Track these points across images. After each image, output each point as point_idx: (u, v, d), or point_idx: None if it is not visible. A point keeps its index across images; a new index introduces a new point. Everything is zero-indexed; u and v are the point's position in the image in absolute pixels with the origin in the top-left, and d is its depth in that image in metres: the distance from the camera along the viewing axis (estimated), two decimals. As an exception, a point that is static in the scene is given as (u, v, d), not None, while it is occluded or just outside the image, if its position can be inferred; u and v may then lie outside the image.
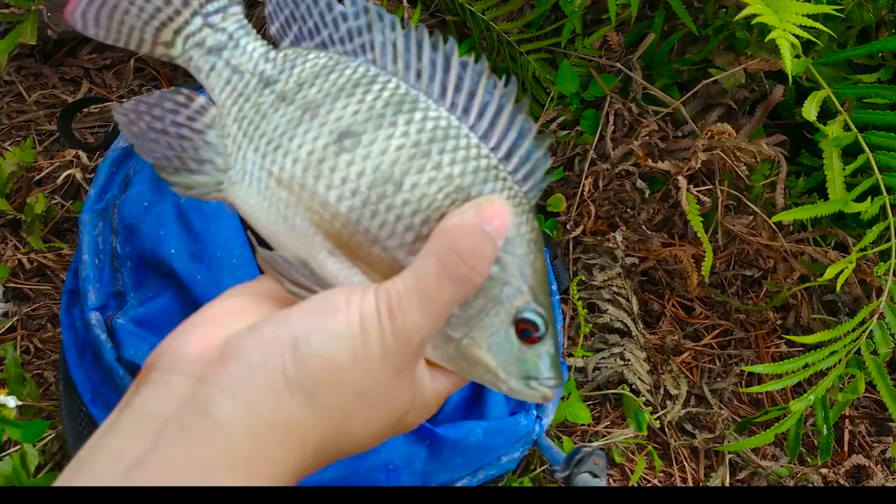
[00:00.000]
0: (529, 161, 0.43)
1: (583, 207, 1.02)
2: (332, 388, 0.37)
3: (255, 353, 0.36)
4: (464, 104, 0.43)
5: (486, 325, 0.42)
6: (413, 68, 0.43)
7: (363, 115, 0.42)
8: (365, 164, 0.41)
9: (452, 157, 0.42)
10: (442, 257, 0.39)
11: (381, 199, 0.41)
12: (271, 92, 0.44)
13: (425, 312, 0.38)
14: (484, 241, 0.39)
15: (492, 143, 0.43)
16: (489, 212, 0.40)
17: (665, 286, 1.04)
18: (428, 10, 1.06)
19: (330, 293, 0.39)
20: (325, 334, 0.37)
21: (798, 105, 0.92)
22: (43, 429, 0.81)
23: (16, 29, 0.95)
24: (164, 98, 0.45)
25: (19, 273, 0.95)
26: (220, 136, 0.45)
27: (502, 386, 0.43)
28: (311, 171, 0.42)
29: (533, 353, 0.43)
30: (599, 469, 0.73)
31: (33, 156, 0.98)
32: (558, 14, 1.05)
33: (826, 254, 0.97)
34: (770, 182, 1.00)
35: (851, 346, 0.83)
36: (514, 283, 0.42)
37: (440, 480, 0.77)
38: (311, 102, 0.43)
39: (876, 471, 0.96)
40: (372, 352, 0.37)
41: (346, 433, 0.38)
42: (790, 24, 0.77)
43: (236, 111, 0.45)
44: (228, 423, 0.35)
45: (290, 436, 0.36)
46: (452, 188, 0.41)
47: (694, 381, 1.01)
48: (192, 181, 0.44)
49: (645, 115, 1.03)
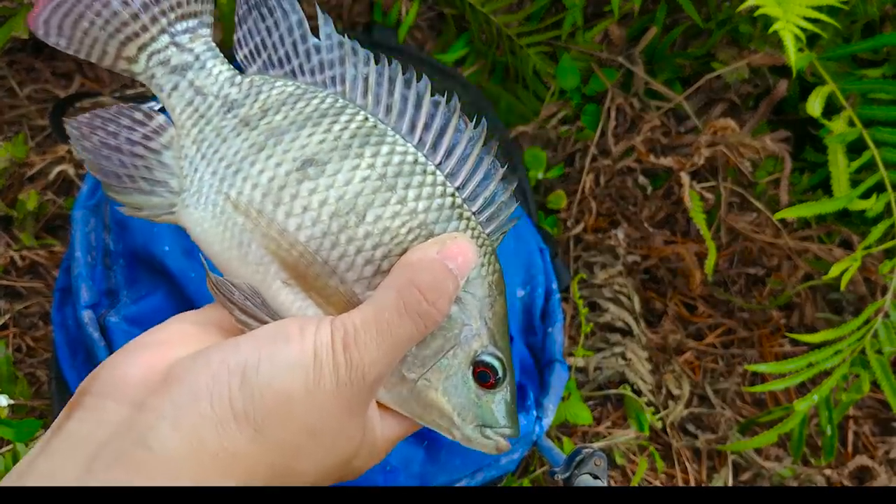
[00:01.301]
0: (494, 203, 0.43)
1: (584, 204, 1.00)
2: (281, 422, 0.35)
3: (200, 379, 0.35)
4: (432, 142, 0.43)
5: (443, 367, 0.41)
6: (383, 103, 0.43)
7: (329, 145, 0.41)
8: (328, 194, 0.41)
9: (418, 192, 0.41)
10: (402, 291, 0.38)
11: (342, 230, 0.40)
12: (234, 116, 0.43)
13: (382, 348, 0.37)
14: (446, 277, 0.39)
15: (458, 182, 0.42)
16: (453, 249, 0.39)
17: (667, 284, 1.03)
18: (426, 3, 1.04)
19: (283, 323, 0.38)
20: (276, 364, 0.35)
21: (802, 100, 0.91)
22: (35, 428, 0.80)
23: (8, 23, 0.94)
24: (121, 114, 0.44)
25: (11, 270, 0.94)
26: (177, 157, 0.43)
27: (455, 433, 0.42)
28: (270, 197, 0.41)
29: (489, 398, 0.42)
30: (600, 470, 0.72)
31: (25, 151, 0.96)
32: (559, 7, 1.04)
33: (831, 251, 0.96)
34: (774, 179, 0.99)
35: (856, 346, 0.82)
36: (474, 324, 0.41)
37: (438, 482, 0.76)
38: (275, 129, 0.42)
39: (880, 472, 0.95)
40: (324, 386, 0.36)
41: (293, 470, 0.37)
42: (794, 16, 0.75)
43: (196, 133, 0.43)
44: (168, 452, 0.33)
45: (235, 467, 0.34)
46: (416, 223, 0.41)
47: (696, 380, 1.00)
48: (142, 202, 0.42)
49: (647, 110, 1.02)
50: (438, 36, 1.06)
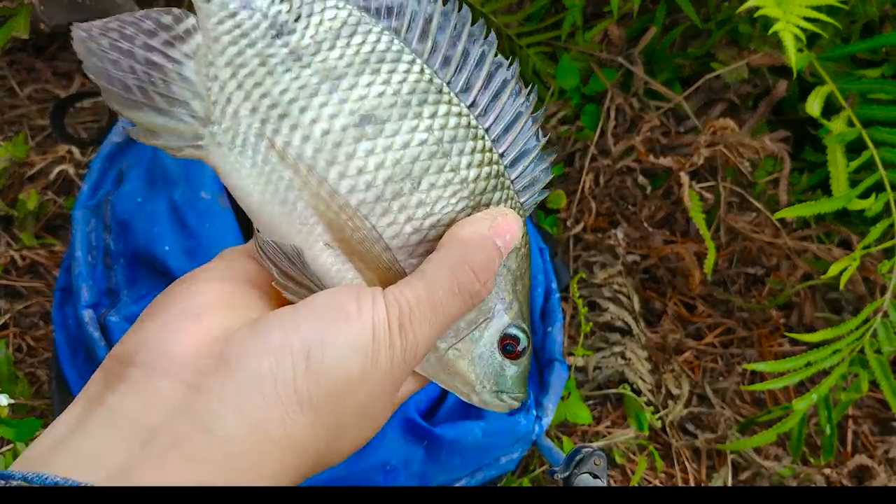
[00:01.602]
0: (533, 173, 0.42)
1: (583, 204, 1.00)
2: (338, 405, 0.35)
3: (263, 362, 0.33)
4: (486, 104, 0.41)
5: (475, 338, 0.41)
6: (442, 52, 0.40)
7: (388, 100, 0.38)
8: (385, 157, 0.38)
9: (469, 160, 0.40)
10: (456, 271, 0.37)
11: (395, 197, 0.38)
12: (284, 45, 0.38)
13: (434, 327, 0.37)
14: (496, 257, 0.38)
15: (502, 148, 0.41)
16: (503, 225, 0.39)
17: (667, 284, 1.03)
18: (426, 4, 1.05)
19: (338, 296, 0.36)
20: (338, 346, 0.34)
21: (801, 100, 0.91)
22: (35, 428, 0.80)
23: (8, 23, 0.94)
24: (147, 17, 0.37)
25: (11, 270, 0.94)
26: (202, 74, 0.37)
27: (473, 397, 0.42)
28: (324, 154, 0.37)
29: (513, 369, 0.42)
30: (600, 470, 0.72)
31: (26, 151, 0.96)
32: (558, 7, 1.04)
33: (830, 251, 0.96)
34: (773, 178, 0.99)
35: (855, 345, 0.82)
36: (507, 297, 0.41)
37: (438, 481, 0.76)
38: (331, 71, 0.38)
39: (879, 471, 0.95)
40: (380, 367, 0.35)
41: (336, 449, 0.36)
42: (794, 16, 0.75)
43: (234, 54, 0.37)
44: (232, 439, 0.32)
45: (289, 453, 0.34)
46: (466, 193, 0.40)
47: (696, 380, 1.00)
48: (158, 123, 0.36)
49: (646, 110, 1.02)
50: (438, 36, 1.06)
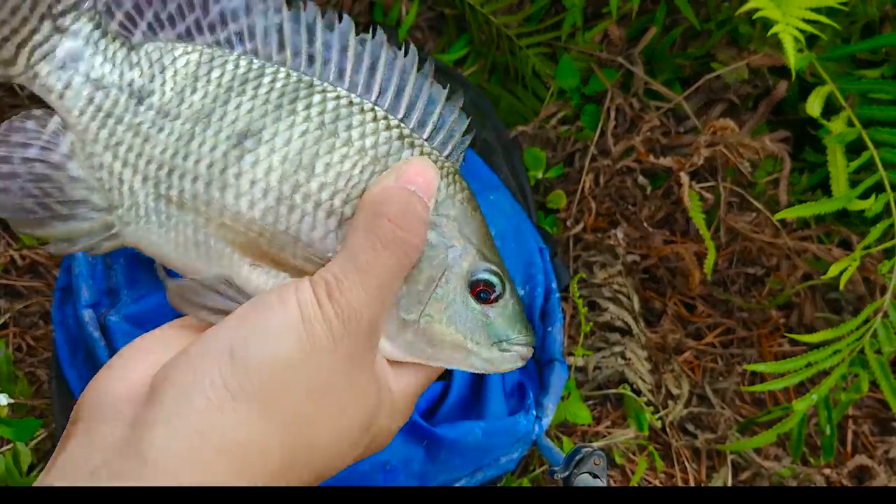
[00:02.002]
0: (445, 126, 0.41)
1: (583, 204, 1.00)
2: (284, 391, 0.33)
3: (186, 375, 0.32)
4: (364, 81, 0.40)
5: (440, 297, 0.39)
6: (304, 53, 0.40)
7: (259, 112, 0.38)
8: (271, 160, 0.38)
9: (361, 131, 0.39)
10: (371, 227, 0.36)
11: (295, 190, 0.38)
12: (148, 107, 0.38)
13: (368, 289, 0.35)
14: (412, 201, 0.37)
15: (400, 114, 0.40)
16: (410, 172, 0.38)
17: (667, 284, 1.03)
18: (426, 4, 1.05)
19: (259, 296, 0.36)
20: (263, 333, 0.33)
21: (802, 101, 0.91)
22: (35, 427, 0.80)
23: (8, 22, 0.94)
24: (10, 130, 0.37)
25: (11, 269, 0.94)
26: (88, 167, 0.38)
27: (474, 360, 0.40)
28: (215, 183, 0.38)
29: (497, 313, 0.40)
30: (600, 470, 0.72)
31: (26, 151, 0.96)
32: (558, 7, 1.04)
33: (830, 251, 0.96)
34: (773, 179, 0.99)
35: (855, 345, 0.82)
36: (457, 244, 0.40)
37: (438, 481, 0.76)
38: (199, 112, 0.38)
39: (879, 471, 0.95)
40: (320, 343, 0.34)
41: (311, 445, 0.34)
42: (793, 18, 0.75)
43: (106, 136, 0.38)
44: (166, 459, 0.31)
45: (244, 457, 0.32)
46: (368, 160, 0.39)
47: (696, 380, 1.00)
48: (69, 230, 0.37)
49: (646, 110, 1.02)
50: (439, 36, 1.06)
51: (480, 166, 0.88)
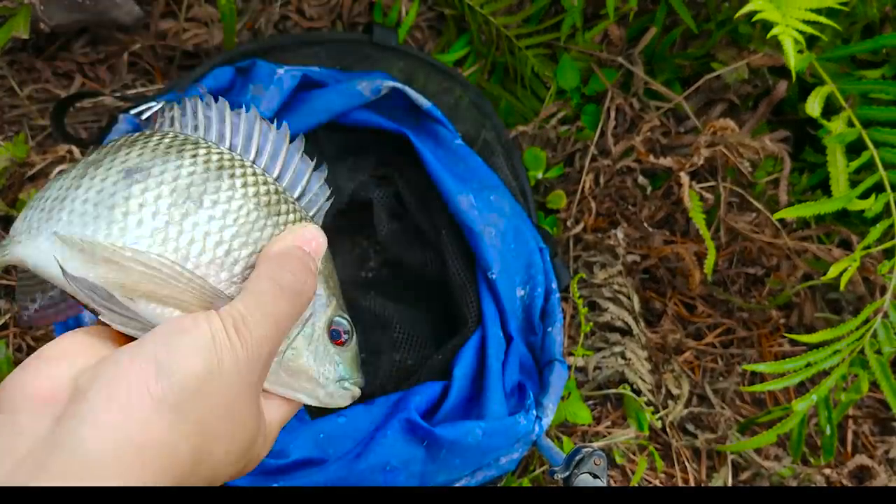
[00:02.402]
0: (311, 191, 0.48)
1: (583, 204, 1.00)
2: (198, 403, 0.37)
3: (114, 378, 0.36)
4: (243, 144, 0.47)
5: (307, 335, 0.46)
6: (189, 125, 0.47)
7: (148, 156, 0.45)
8: (160, 189, 0.43)
9: (244, 180, 0.45)
10: (276, 277, 0.42)
11: (184, 217, 0.43)
12: (56, 179, 0.46)
13: (269, 327, 0.40)
14: (308, 260, 0.44)
15: (274, 174, 0.47)
16: (305, 235, 0.45)
17: (667, 284, 1.03)
18: (426, 4, 1.04)
19: (173, 320, 0.40)
20: (183, 349, 0.37)
21: (802, 101, 0.91)
22: (35, 428, 0.80)
23: (8, 22, 0.94)
24: None
25: (11, 270, 0.94)
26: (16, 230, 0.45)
27: (320, 392, 0.46)
28: (103, 204, 0.42)
29: (344, 354, 0.47)
30: (600, 470, 0.72)
31: (26, 151, 0.96)
32: (558, 8, 1.04)
33: (830, 251, 0.96)
34: (773, 179, 0.99)
35: (855, 345, 0.82)
36: (324, 294, 0.47)
37: (438, 481, 0.76)
38: (91, 161, 0.45)
39: (879, 471, 0.95)
40: (227, 366, 0.38)
41: (209, 454, 0.38)
42: (793, 19, 0.75)
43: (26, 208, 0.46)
44: (91, 453, 0.34)
45: (160, 457, 0.36)
46: (252, 205, 0.45)
47: (696, 380, 1.00)
48: None
49: (646, 110, 1.02)
50: (438, 36, 1.06)
51: (480, 166, 0.88)
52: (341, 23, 1.03)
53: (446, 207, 0.85)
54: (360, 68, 0.91)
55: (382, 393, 0.81)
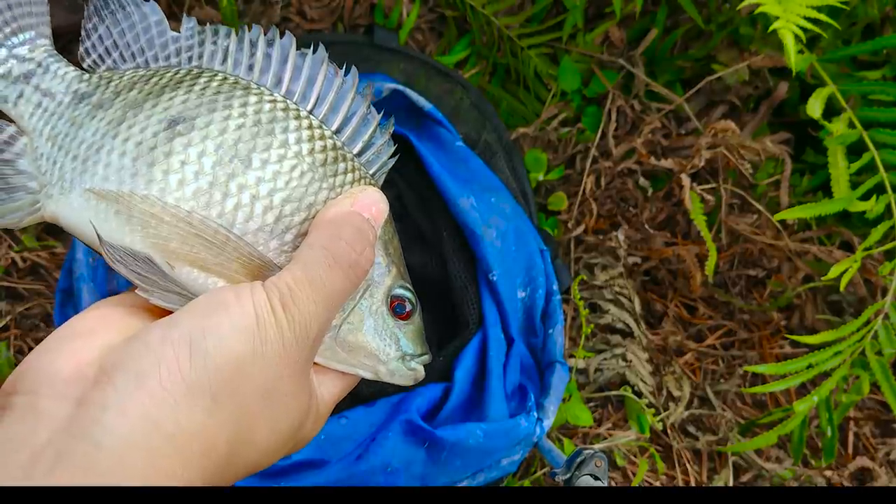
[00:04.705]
0: (374, 146, 0.44)
1: (584, 206, 1.00)
2: (236, 387, 0.34)
3: (143, 360, 0.33)
4: (302, 91, 0.43)
5: (363, 308, 0.42)
6: (244, 64, 0.43)
7: (193, 103, 0.40)
8: (205, 145, 0.39)
9: (297, 135, 0.41)
10: (329, 246, 0.38)
11: (230, 179, 0.39)
12: (87, 104, 0.41)
13: (319, 303, 0.37)
14: (366, 228, 0.40)
15: (334, 127, 0.43)
16: (364, 199, 0.41)
17: (668, 286, 1.03)
18: (427, 5, 1.04)
19: (214, 292, 0.36)
20: (221, 329, 0.34)
21: (802, 102, 0.91)
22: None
23: (9, 24, 0.94)
24: None
25: (12, 272, 0.94)
26: (34, 160, 0.42)
27: (381, 368, 0.42)
28: (143, 160, 0.39)
29: (407, 329, 0.43)
30: (601, 471, 0.72)
31: (27, 153, 0.96)
32: (560, 8, 1.04)
33: (831, 253, 0.96)
34: (774, 180, 0.99)
35: (856, 347, 0.82)
36: (383, 262, 0.43)
37: (439, 483, 0.76)
38: (131, 102, 0.41)
39: (880, 473, 0.95)
40: (272, 347, 0.35)
41: (250, 442, 0.35)
42: (794, 15, 0.75)
43: (49, 130, 0.42)
44: (117, 442, 0.31)
45: (191, 447, 0.32)
46: (306, 166, 0.41)
47: (697, 382, 1.00)
48: (2, 209, 0.41)
49: (647, 112, 1.02)
50: (440, 38, 1.06)
51: (481, 168, 0.88)
52: (342, 24, 1.03)
53: (447, 209, 0.85)
54: (362, 70, 0.91)
55: (383, 394, 0.81)
